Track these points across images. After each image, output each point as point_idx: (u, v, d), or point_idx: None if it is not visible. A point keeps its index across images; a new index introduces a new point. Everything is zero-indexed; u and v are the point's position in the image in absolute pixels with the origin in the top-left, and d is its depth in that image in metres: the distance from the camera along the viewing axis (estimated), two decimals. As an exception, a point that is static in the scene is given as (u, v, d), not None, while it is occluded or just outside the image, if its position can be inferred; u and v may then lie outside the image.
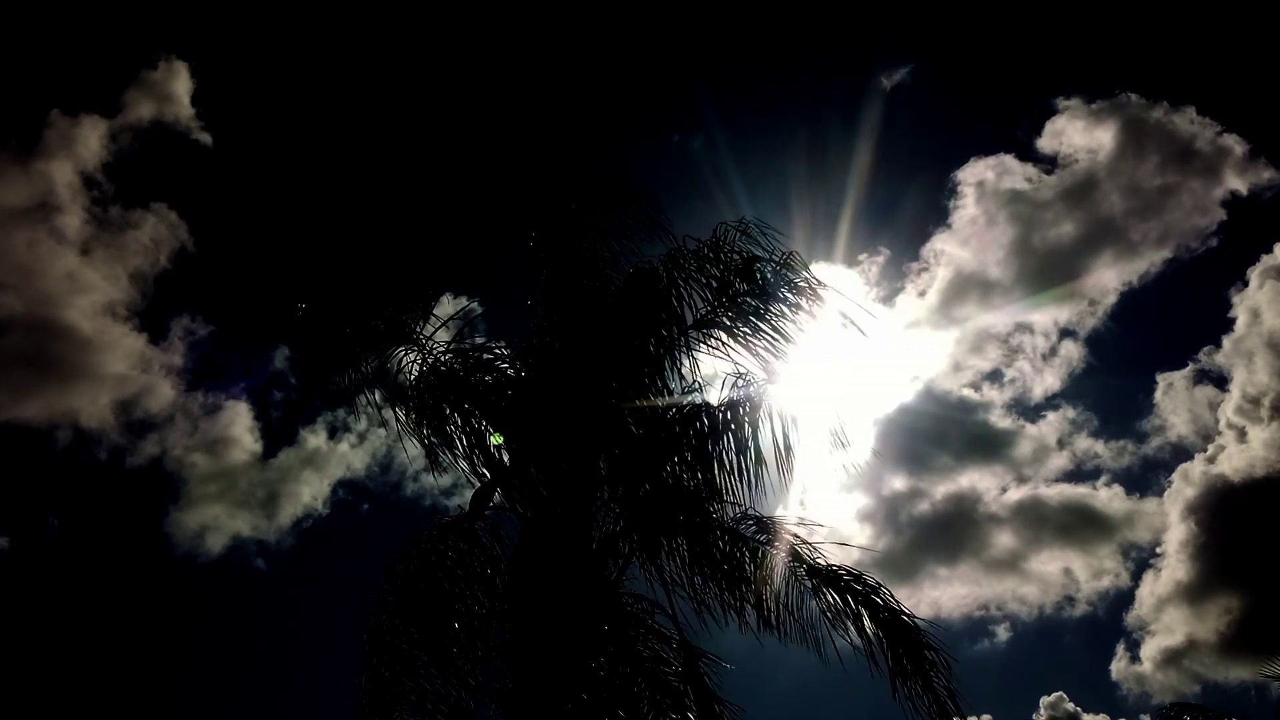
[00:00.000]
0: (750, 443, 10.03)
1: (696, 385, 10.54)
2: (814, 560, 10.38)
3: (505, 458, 10.19)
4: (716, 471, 9.99)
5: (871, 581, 10.18)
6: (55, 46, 34.63)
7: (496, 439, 10.07)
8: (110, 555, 32.20)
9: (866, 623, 9.94)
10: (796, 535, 10.47)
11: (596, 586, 9.89)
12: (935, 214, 42.00)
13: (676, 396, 10.47)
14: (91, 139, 35.39)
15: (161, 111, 35.24)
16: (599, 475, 10.34)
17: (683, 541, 10.25)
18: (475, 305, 11.11)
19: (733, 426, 10.13)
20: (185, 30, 36.92)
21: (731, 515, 10.51)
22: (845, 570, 10.37)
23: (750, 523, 10.50)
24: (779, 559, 10.29)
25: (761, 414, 10.18)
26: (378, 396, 10.49)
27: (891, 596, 10.08)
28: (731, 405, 10.32)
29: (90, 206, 36.08)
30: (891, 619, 9.97)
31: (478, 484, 10.20)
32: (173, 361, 35.23)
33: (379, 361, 10.49)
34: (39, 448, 33.30)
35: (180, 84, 35.86)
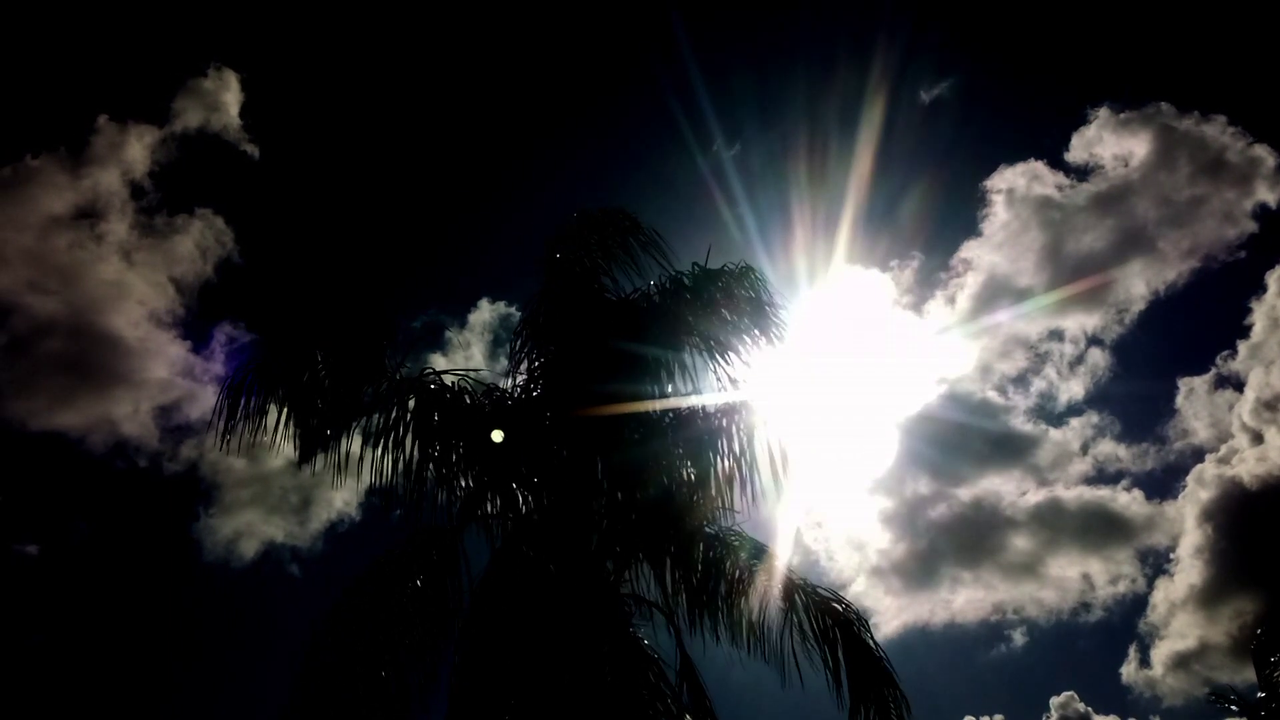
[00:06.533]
0: (746, 450, 10.11)
1: (694, 393, 10.44)
2: (802, 581, 10.35)
3: (502, 463, 10.17)
4: (713, 480, 10.03)
5: (854, 610, 10.11)
6: (104, 52, 35.18)
7: (496, 435, 10.06)
8: (138, 561, 32.49)
9: (840, 649, 9.83)
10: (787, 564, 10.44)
11: (592, 590, 9.90)
12: (966, 221, 42.04)
13: (675, 402, 10.42)
14: (139, 146, 35.93)
15: (209, 120, 35.61)
16: (597, 481, 10.36)
17: (673, 549, 10.28)
18: (514, 310, 11.26)
19: (730, 434, 10.19)
20: (236, 39, 37.46)
21: (724, 525, 10.58)
22: (830, 593, 10.32)
23: (738, 534, 10.55)
24: (767, 573, 10.25)
25: (760, 421, 10.29)
26: (410, 404, 10.54)
27: (867, 628, 10.02)
28: (728, 413, 10.40)
29: (136, 214, 36.65)
30: (861, 650, 9.85)
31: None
32: (214, 369, 35.71)
33: (413, 366, 10.64)
34: (77, 454, 33.73)
35: (230, 94, 36.25)
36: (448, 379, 10.45)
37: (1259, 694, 19.32)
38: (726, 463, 10.15)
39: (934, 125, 37.29)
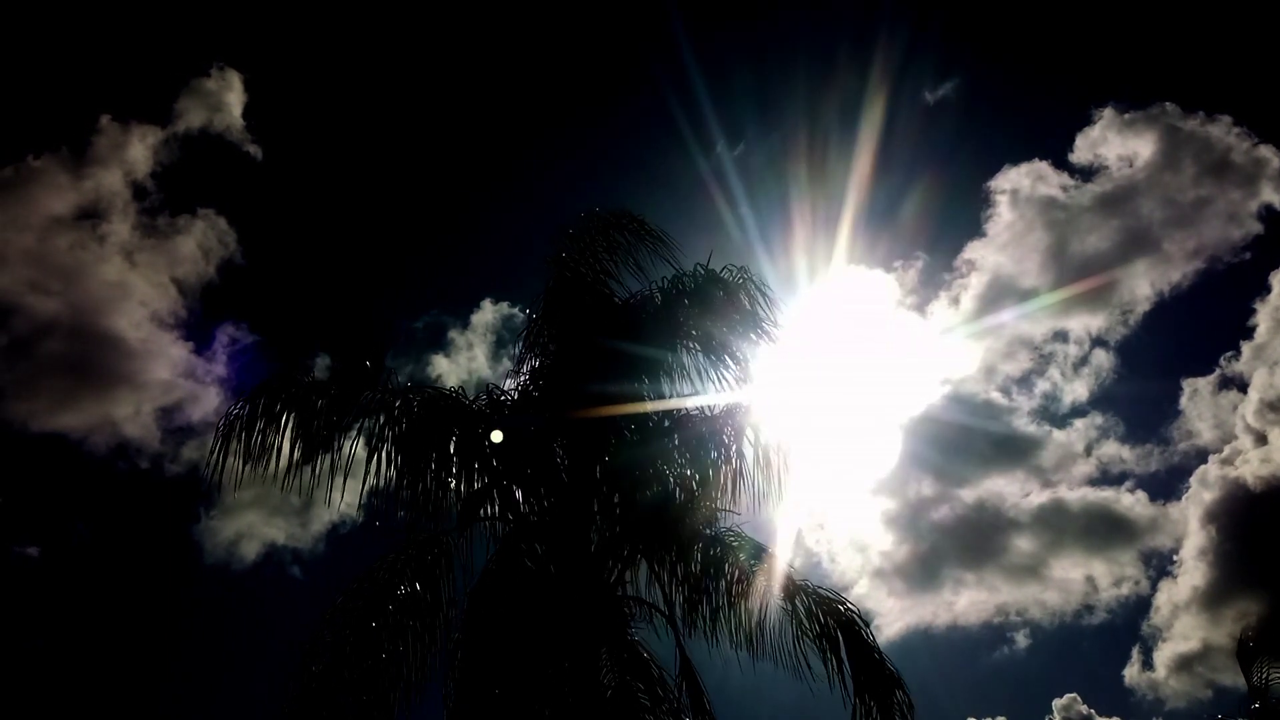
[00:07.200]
0: (747, 452, 10.18)
1: (695, 394, 10.43)
2: (803, 582, 10.33)
3: (502, 464, 10.18)
4: (713, 481, 10.08)
5: (856, 611, 10.09)
6: (107, 52, 35.15)
7: (496, 436, 10.06)
8: (139, 563, 32.42)
9: (842, 650, 9.81)
10: (787, 559, 10.42)
11: (592, 592, 9.90)
12: (970, 222, 42.02)
13: (675, 403, 10.43)
14: (141, 146, 35.89)
15: (212, 121, 35.53)
16: (597, 482, 10.37)
17: (673, 550, 10.24)
18: (517, 311, 11.24)
19: (730, 436, 10.25)
20: (239, 39, 37.44)
21: (724, 526, 10.53)
22: (831, 594, 10.29)
23: (738, 536, 10.49)
24: (767, 575, 10.19)
25: (761, 423, 10.33)
26: (410, 407, 10.48)
27: (866, 627, 10.00)
28: (729, 414, 10.42)
29: (138, 214, 36.62)
30: (864, 651, 9.81)
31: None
32: (216, 370, 35.67)
33: (416, 367, 10.66)
34: (78, 456, 33.66)
35: (233, 94, 36.20)
36: (449, 381, 10.48)
37: (1254, 705, 19.32)
38: (727, 464, 10.17)
39: (938, 125, 37.26)
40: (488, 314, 36.15)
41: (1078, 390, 38.63)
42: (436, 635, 9.52)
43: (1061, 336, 38.98)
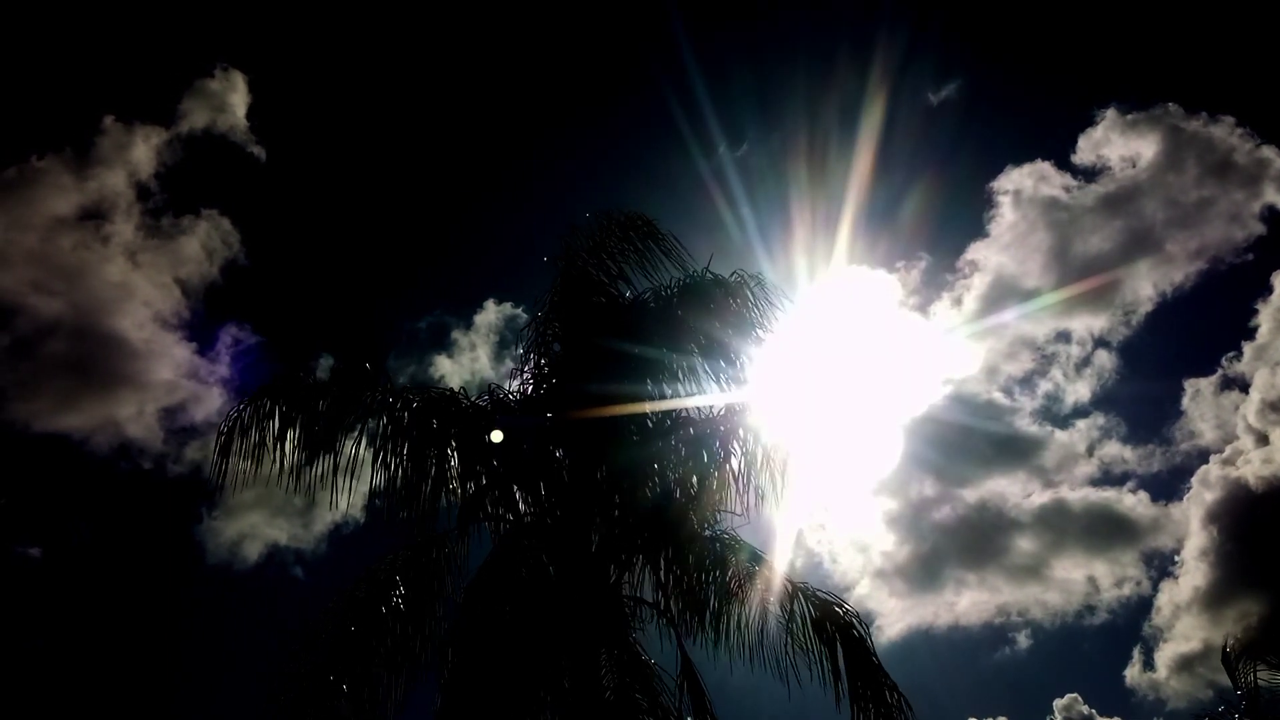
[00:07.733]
0: (748, 453, 10.18)
1: (697, 394, 10.41)
2: (802, 585, 10.33)
3: (503, 465, 10.21)
4: (714, 482, 10.11)
5: (854, 613, 10.09)
6: (111, 53, 35.18)
7: (495, 436, 10.03)
8: (142, 564, 32.43)
9: (840, 652, 9.78)
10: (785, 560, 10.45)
11: (593, 593, 9.90)
12: (973, 222, 42.04)
13: (677, 404, 10.43)
14: (145, 147, 35.90)
15: (216, 121, 35.52)
16: (596, 482, 10.36)
17: (671, 551, 10.24)
18: (520, 312, 11.26)
19: (733, 437, 10.27)
20: (243, 40, 37.49)
21: (724, 528, 10.54)
22: (830, 596, 10.30)
23: (736, 538, 10.48)
24: (766, 576, 10.18)
25: (763, 424, 10.32)
26: (411, 407, 10.38)
27: (865, 630, 9.98)
28: (732, 415, 10.43)
29: (142, 215, 36.64)
30: (861, 653, 9.80)
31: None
32: (219, 371, 35.68)
33: (418, 367, 10.71)
34: (81, 456, 33.65)
35: (236, 95, 36.22)
36: (452, 382, 10.52)
37: (1236, 715, 19.42)
38: (728, 465, 10.20)
39: (941, 126, 37.27)
40: (490, 314, 36.15)
41: (1080, 391, 38.67)
42: (437, 636, 9.55)
43: (1064, 337, 39.02)
